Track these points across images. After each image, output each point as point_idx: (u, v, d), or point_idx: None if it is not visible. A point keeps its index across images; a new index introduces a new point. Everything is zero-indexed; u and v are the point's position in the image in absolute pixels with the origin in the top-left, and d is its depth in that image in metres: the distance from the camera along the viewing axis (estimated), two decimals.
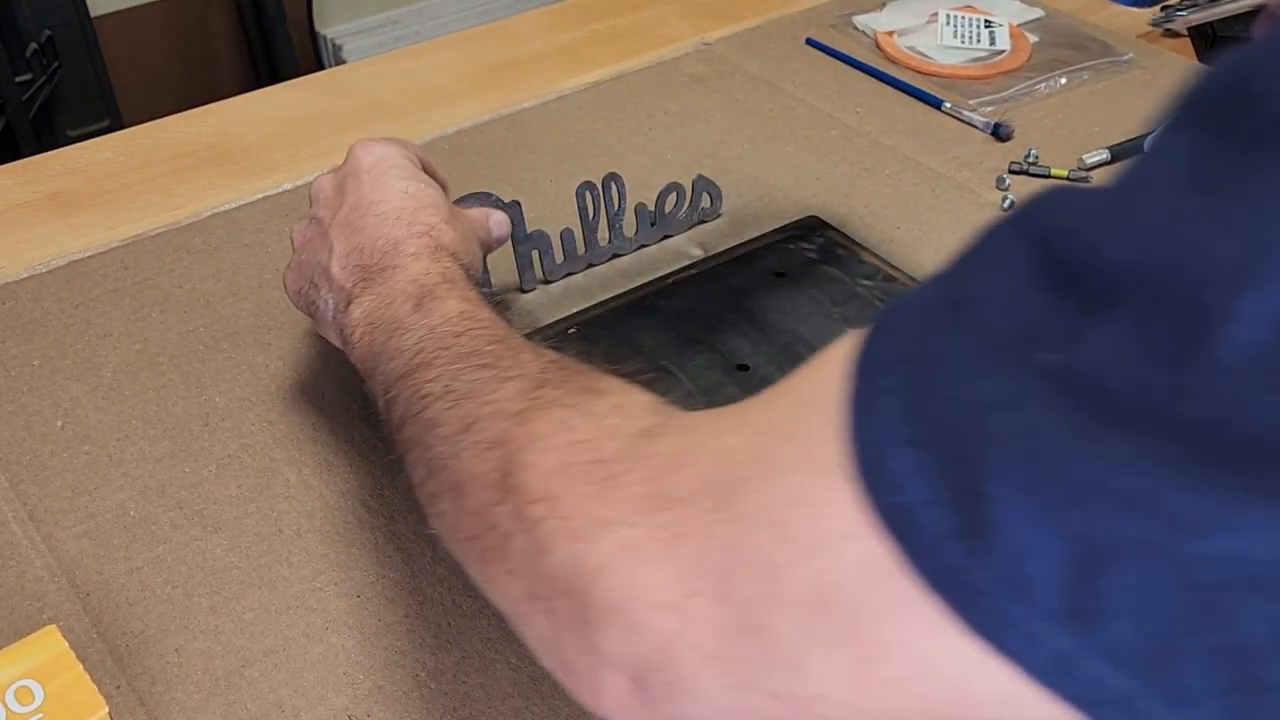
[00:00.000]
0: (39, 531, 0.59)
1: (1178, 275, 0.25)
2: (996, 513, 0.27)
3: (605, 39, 1.03)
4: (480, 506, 0.40)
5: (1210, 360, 0.24)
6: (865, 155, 0.87)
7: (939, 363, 0.29)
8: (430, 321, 0.50)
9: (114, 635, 0.54)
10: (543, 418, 0.40)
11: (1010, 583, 0.27)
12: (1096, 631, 0.26)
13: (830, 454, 0.30)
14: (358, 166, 0.60)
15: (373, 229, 0.57)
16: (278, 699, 0.52)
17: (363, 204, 0.58)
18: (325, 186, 0.62)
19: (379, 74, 0.99)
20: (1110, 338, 0.26)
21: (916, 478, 0.28)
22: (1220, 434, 0.24)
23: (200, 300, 0.74)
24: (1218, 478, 0.25)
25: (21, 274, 0.76)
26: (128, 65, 2.02)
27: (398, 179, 0.59)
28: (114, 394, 0.67)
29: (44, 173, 0.86)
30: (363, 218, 0.58)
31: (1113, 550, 0.26)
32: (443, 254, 0.56)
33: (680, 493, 0.34)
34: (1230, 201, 0.25)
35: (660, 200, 0.77)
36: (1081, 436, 0.26)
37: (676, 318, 0.71)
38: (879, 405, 0.30)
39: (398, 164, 0.60)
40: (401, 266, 0.55)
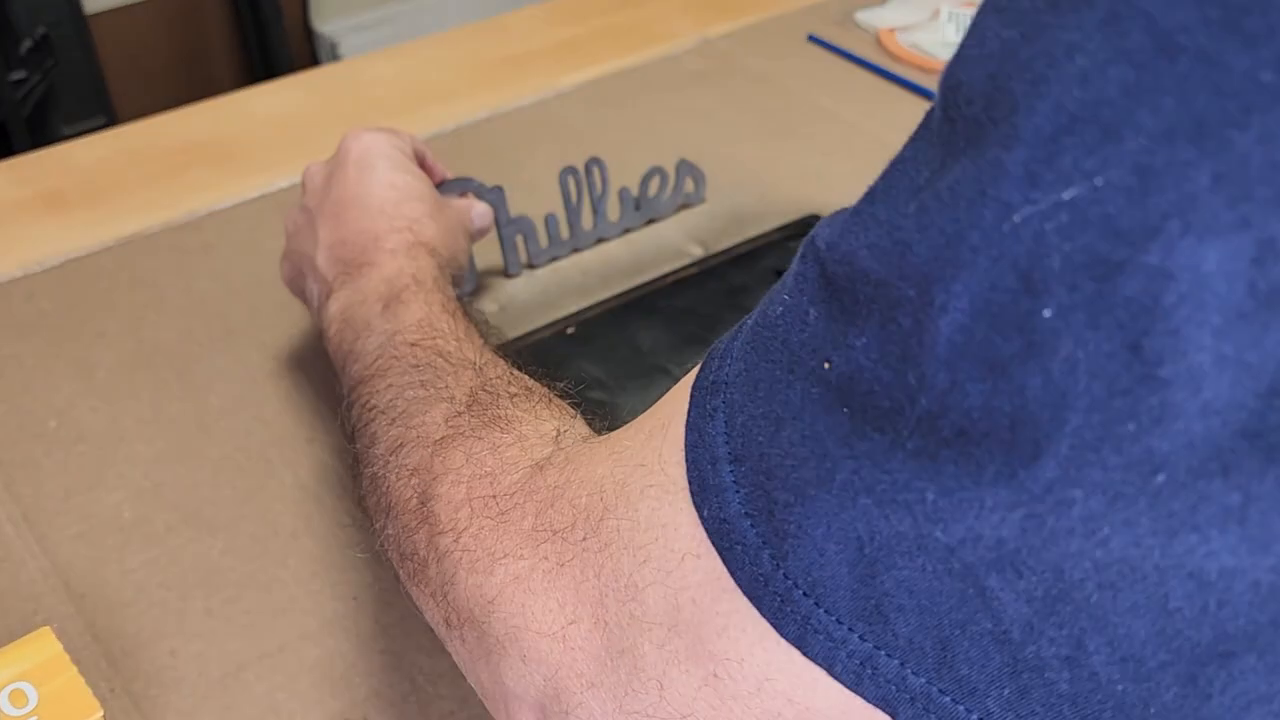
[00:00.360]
0: (33, 533, 0.59)
1: (899, 275, 0.26)
2: (788, 519, 0.28)
3: (605, 35, 1.02)
4: (404, 531, 0.42)
5: (930, 352, 0.25)
6: (867, 153, 0.87)
7: (753, 381, 0.31)
8: (392, 327, 0.51)
9: (109, 638, 0.54)
10: (456, 449, 0.41)
11: (807, 587, 0.28)
12: (884, 629, 0.27)
13: (679, 474, 0.32)
14: (346, 156, 0.60)
15: (355, 221, 0.57)
16: (273, 703, 0.51)
17: (347, 195, 0.58)
18: (316, 176, 0.62)
19: (376, 71, 0.99)
20: (861, 342, 0.27)
21: (734, 491, 0.30)
22: (943, 422, 0.25)
23: (196, 300, 0.73)
24: (948, 466, 0.26)
25: (15, 273, 0.75)
26: (123, 62, 2.01)
27: (384, 170, 0.60)
28: (108, 394, 0.66)
29: (38, 171, 0.86)
30: (347, 209, 0.58)
31: (885, 547, 0.27)
32: (420, 250, 0.56)
33: (560, 524, 0.35)
34: (933, 199, 0.26)
35: (644, 184, 0.78)
36: (846, 440, 0.27)
37: (676, 317, 0.70)
38: (709, 425, 0.32)
39: (386, 154, 0.61)
40: (378, 264, 0.55)
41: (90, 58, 1.89)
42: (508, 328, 0.71)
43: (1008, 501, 0.25)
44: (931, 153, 0.27)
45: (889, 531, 0.27)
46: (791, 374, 0.29)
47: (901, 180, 0.28)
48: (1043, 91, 0.24)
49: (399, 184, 0.59)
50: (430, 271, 0.55)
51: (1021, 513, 0.25)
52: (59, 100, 1.87)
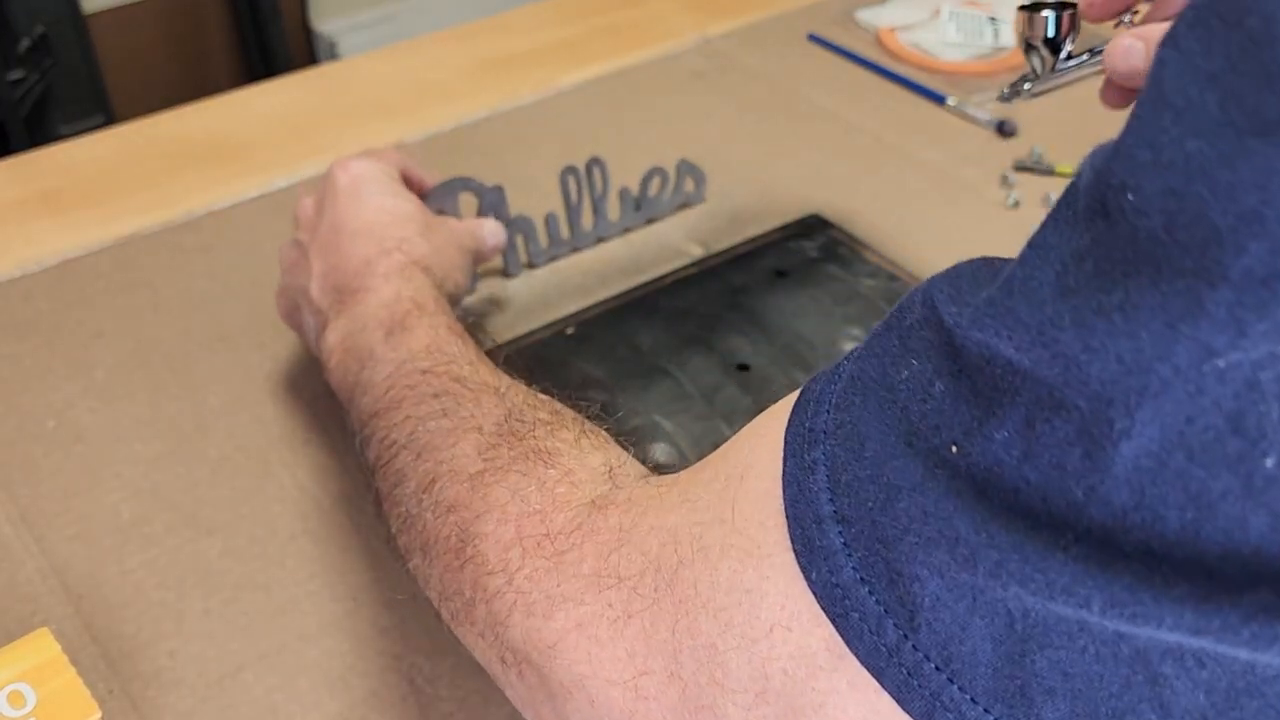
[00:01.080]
0: (31, 533, 0.58)
1: (1065, 384, 0.25)
2: (919, 592, 0.27)
3: (605, 34, 1.02)
4: (444, 570, 0.41)
5: (1105, 471, 0.25)
6: (867, 152, 0.87)
7: (858, 438, 0.30)
8: (399, 355, 0.50)
9: (107, 638, 0.54)
10: (497, 485, 0.40)
11: (941, 661, 0.27)
12: (1027, 712, 0.26)
13: (764, 537, 0.31)
14: (335, 186, 0.60)
15: (346, 248, 0.57)
16: (272, 703, 0.51)
17: (338, 223, 0.58)
18: (306, 208, 0.62)
19: (375, 70, 0.98)
20: (1001, 435, 0.26)
21: (845, 555, 0.29)
22: (1124, 539, 0.25)
23: (194, 300, 0.73)
24: (1124, 577, 0.25)
25: (13, 273, 0.75)
26: (121, 61, 2.01)
27: (373, 195, 0.59)
28: (106, 394, 0.66)
29: (36, 170, 0.85)
30: (337, 236, 0.57)
31: (1041, 626, 0.26)
32: (414, 271, 0.55)
33: (627, 570, 0.34)
34: (1100, 318, 0.25)
35: (644, 184, 0.77)
36: (983, 527, 0.26)
37: (676, 317, 0.70)
38: (810, 480, 0.30)
39: (374, 180, 0.60)
40: (373, 289, 0.54)
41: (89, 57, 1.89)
42: (507, 328, 0.70)
43: (1196, 621, 0.24)
44: (1079, 244, 0.26)
45: (1046, 613, 0.26)
46: (910, 446, 0.28)
47: (1044, 272, 0.27)
48: (1257, 231, 0.22)
49: (388, 208, 0.59)
50: (429, 292, 0.54)
51: (1212, 636, 0.24)
52: (57, 99, 1.87)
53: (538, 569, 0.37)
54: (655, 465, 0.60)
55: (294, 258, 0.61)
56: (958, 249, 0.77)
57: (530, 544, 0.38)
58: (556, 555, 0.37)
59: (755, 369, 0.66)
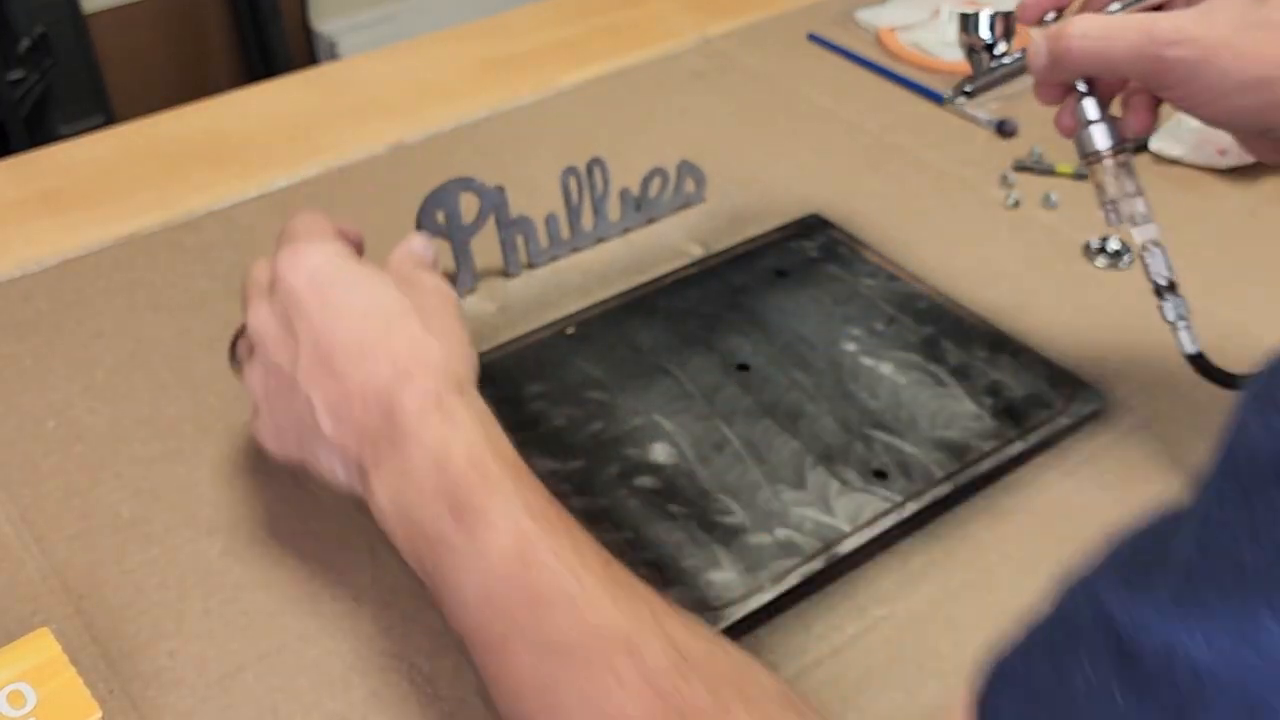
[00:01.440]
0: (31, 533, 0.58)
1: (1274, 689, 0.23)
2: None
3: (605, 34, 1.02)
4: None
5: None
6: (867, 152, 0.87)
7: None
8: (481, 558, 0.44)
9: (107, 638, 0.54)
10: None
11: None
12: None
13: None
14: (293, 293, 0.51)
15: (352, 374, 0.49)
16: (272, 703, 0.51)
17: (323, 342, 0.50)
18: (268, 325, 0.52)
19: (375, 69, 0.98)
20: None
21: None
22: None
23: (194, 299, 0.73)
24: None
25: (13, 273, 0.75)
26: (121, 61, 2.01)
27: (345, 296, 0.51)
28: (106, 394, 0.66)
29: (36, 170, 0.85)
30: (331, 360, 0.49)
31: None
32: (452, 403, 0.48)
33: None
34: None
35: (644, 185, 0.77)
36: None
37: (676, 317, 0.70)
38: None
39: (336, 273, 0.52)
40: (412, 433, 0.47)
41: (89, 57, 1.89)
42: (507, 327, 0.70)
43: None
44: (1260, 526, 0.24)
45: None
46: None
47: (1225, 562, 0.25)
48: None
49: (372, 309, 0.51)
50: (479, 436, 0.48)
51: None
52: (57, 99, 1.87)
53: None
54: (655, 464, 0.60)
55: (272, 386, 0.51)
56: (957, 248, 0.77)
57: None
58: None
59: (755, 369, 0.66)
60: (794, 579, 0.55)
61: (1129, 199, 0.58)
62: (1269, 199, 0.81)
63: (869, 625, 0.55)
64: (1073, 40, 0.54)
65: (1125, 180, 0.58)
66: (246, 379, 0.53)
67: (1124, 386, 0.67)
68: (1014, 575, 0.57)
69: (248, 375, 0.53)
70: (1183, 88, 0.52)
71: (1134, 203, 0.58)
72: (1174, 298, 0.59)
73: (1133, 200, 0.58)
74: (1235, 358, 0.69)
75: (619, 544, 0.56)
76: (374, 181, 0.84)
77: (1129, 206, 0.58)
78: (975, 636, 0.54)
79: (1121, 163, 0.58)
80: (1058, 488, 0.61)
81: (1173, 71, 0.52)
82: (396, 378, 0.49)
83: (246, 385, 0.53)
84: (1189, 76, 0.51)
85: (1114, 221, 0.58)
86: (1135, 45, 0.52)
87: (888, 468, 0.60)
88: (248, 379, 0.53)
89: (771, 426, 0.63)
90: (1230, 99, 0.52)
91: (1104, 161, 0.58)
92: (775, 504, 0.58)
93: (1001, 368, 0.66)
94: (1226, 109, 0.52)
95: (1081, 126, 0.58)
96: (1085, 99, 0.57)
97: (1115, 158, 0.57)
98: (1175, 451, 0.63)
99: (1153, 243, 0.58)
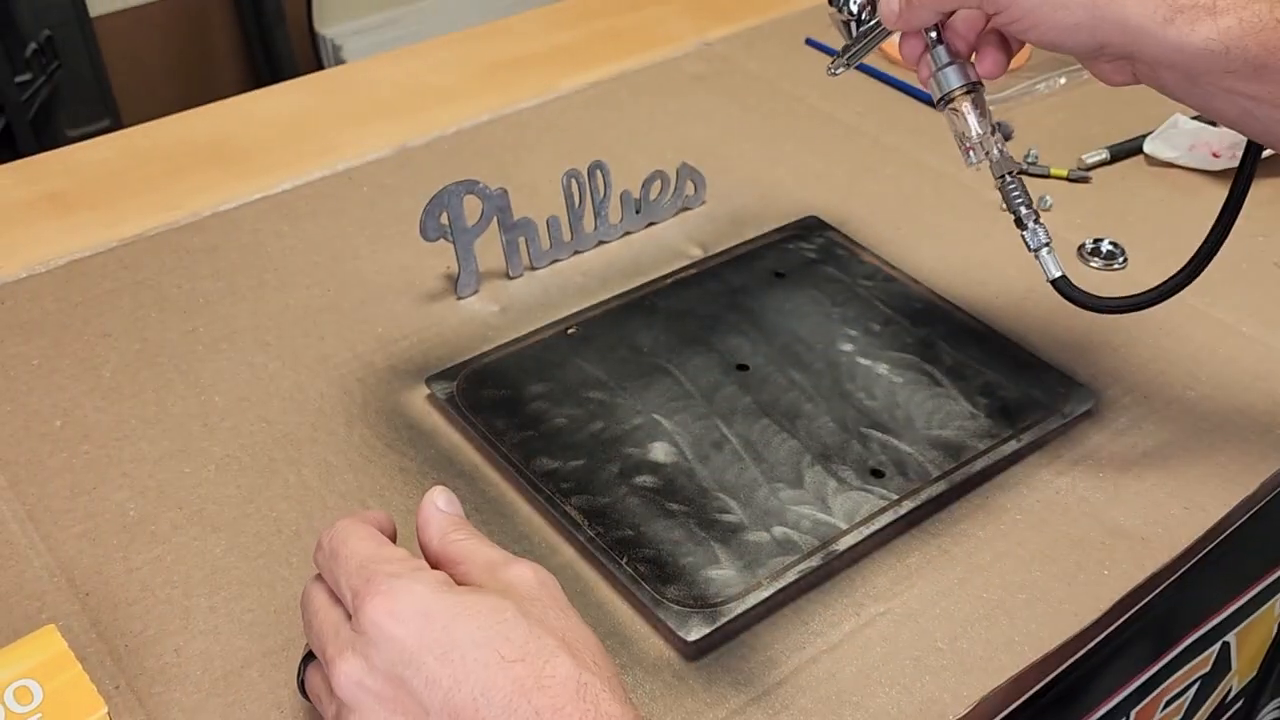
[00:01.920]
0: (38, 531, 0.59)
1: None
2: None
3: (605, 38, 1.03)
4: None
5: None
6: (865, 155, 0.87)
7: None
8: None
9: (113, 635, 0.54)
10: None
11: None
12: None
13: None
14: (395, 642, 0.42)
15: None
16: (277, 699, 0.52)
17: (455, 701, 0.42)
18: (363, 684, 0.43)
19: (378, 73, 0.99)
20: None
21: None
22: None
23: (199, 300, 0.74)
24: None
25: (20, 274, 0.76)
26: (127, 65, 2.02)
27: (464, 637, 0.42)
28: (113, 394, 0.67)
29: (43, 172, 0.86)
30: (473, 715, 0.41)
31: None
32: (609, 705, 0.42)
33: None
34: None
35: (645, 187, 0.78)
36: None
37: (676, 318, 0.71)
38: None
39: (443, 614, 0.43)
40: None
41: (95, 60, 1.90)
42: (509, 328, 0.71)
43: None
44: None
45: None
46: None
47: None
48: None
49: (507, 651, 0.42)
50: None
51: None
52: (64, 102, 1.88)
53: None
54: (655, 463, 0.61)
55: None
56: (953, 250, 0.78)
57: None
58: None
59: (754, 369, 0.67)
60: (791, 576, 0.55)
61: (986, 138, 0.60)
62: (1261, 201, 0.81)
63: (866, 621, 0.55)
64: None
65: (981, 120, 0.60)
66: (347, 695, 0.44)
67: (1116, 386, 0.67)
68: (1008, 572, 0.57)
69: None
70: (1011, 10, 0.54)
71: (990, 141, 0.60)
72: (1034, 226, 0.60)
73: (989, 139, 0.60)
74: (1234, 357, 0.70)
75: (619, 542, 0.57)
76: (378, 184, 0.85)
77: (986, 145, 0.60)
78: (970, 632, 0.55)
79: (976, 101, 0.60)
80: (1051, 486, 0.62)
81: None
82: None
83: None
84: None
85: (973, 161, 0.61)
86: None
87: (884, 466, 0.61)
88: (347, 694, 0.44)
89: (770, 426, 0.63)
90: (1058, 17, 0.53)
91: (958, 101, 0.60)
92: (773, 502, 0.59)
93: (996, 368, 0.67)
94: (1056, 28, 0.53)
95: (936, 71, 0.60)
96: (936, 47, 0.60)
97: (969, 96, 0.60)
98: (1167, 451, 0.64)
99: (1010, 174, 0.60)
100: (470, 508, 0.60)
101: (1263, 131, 0.54)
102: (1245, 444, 0.64)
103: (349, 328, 0.72)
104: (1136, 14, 0.51)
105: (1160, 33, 0.51)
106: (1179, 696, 0.72)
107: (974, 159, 0.61)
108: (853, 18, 0.65)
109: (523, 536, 0.59)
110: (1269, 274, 0.75)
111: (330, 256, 0.78)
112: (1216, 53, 0.51)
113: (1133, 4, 0.51)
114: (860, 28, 0.64)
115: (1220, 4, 0.50)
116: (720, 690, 0.52)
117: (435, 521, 0.50)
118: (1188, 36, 0.51)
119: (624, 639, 0.54)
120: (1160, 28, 0.51)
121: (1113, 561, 0.58)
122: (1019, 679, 0.53)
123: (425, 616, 0.43)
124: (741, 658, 0.54)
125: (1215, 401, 0.67)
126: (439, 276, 0.76)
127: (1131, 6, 0.51)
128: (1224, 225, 0.58)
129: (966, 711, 0.52)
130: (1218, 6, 0.50)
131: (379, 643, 0.43)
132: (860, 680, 0.53)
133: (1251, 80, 0.51)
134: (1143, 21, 0.51)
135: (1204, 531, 0.60)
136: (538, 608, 0.45)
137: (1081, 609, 0.56)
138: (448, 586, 0.45)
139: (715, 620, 0.53)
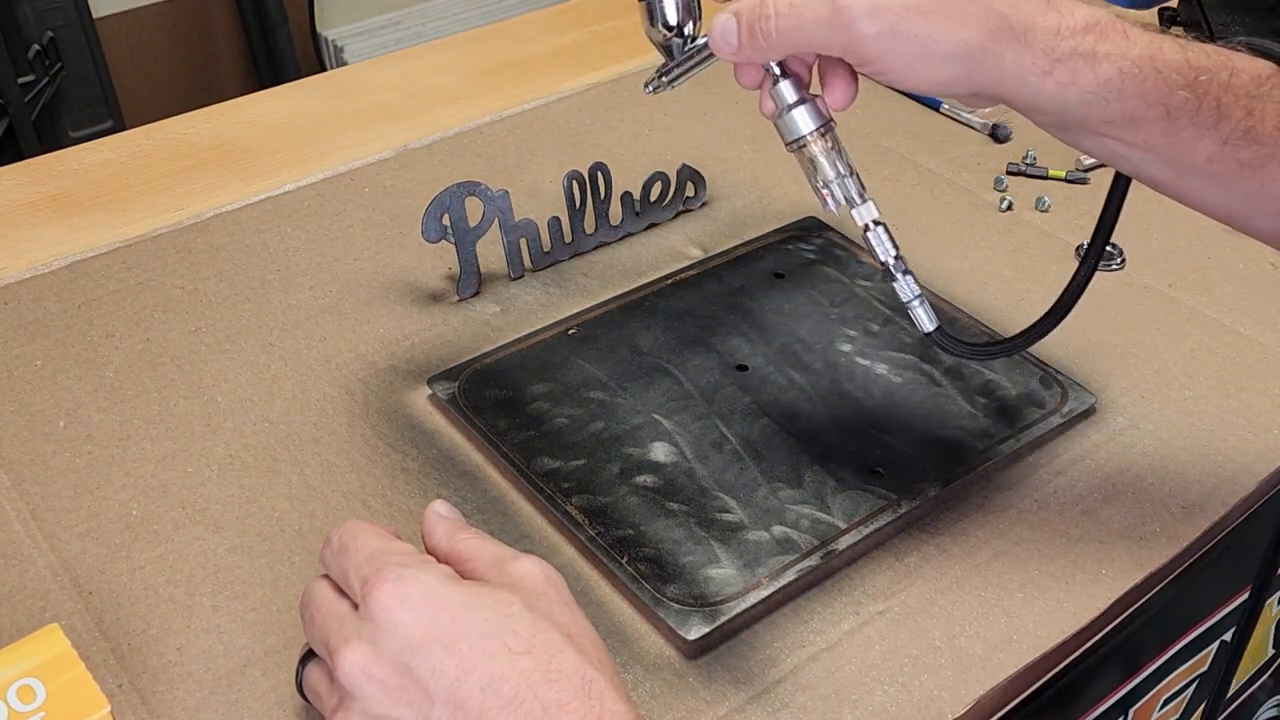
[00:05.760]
0: (41, 531, 0.59)
1: None
2: None
3: (606, 40, 1.03)
4: None
5: None
6: (864, 156, 0.87)
7: None
8: None
9: (116, 634, 0.55)
10: None
11: None
12: None
13: None
14: (403, 629, 0.43)
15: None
16: (279, 698, 0.52)
17: (460, 691, 0.42)
18: (368, 671, 0.43)
19: (380, 75, 0.99)
20: None
21: None
22: None
23: (202, 300, 0.74)
24: None
25: (24, 274, 0.76)
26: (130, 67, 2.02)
27: (471, 627, 0.43)
28: (116, 394, 0.67)
29: (46, 174, 0.87)
30: (485, 712, 0.42)
31: None
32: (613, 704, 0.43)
33: None
34: None
35: (645, 189, 0.79)
36: None
37: (676, 318, 0.71)
38: None
39: (446, 598, 0.44)
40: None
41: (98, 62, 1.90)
42: (511, 329, 0.71)
43: None
44: None
45: None
46: None
47: None
48: None
49: (515, 644, 0.43)
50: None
51: None
52: (66, 104, 1.88)
53: None
54: (655, 463, 0.61)
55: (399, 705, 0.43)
56: (952, 251, 0.78)
57: None
58: None
59: (753, 369, 0.67)
60: (791, 575, 0.56)
61: (842, 179, 0.54)
62: None
63: (865, 620, 0.55)
64: (769, 21, 0.50)
65: (837, 160, 0.54)
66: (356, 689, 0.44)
67: (1115, 386, 0.68)
68: (1006, 571, 0.58)
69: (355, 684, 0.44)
70: (880, 62, 0.49)
71: (848, 183, 0.54)
72: (903, 277, 0.55)
73: (846, 181, 0.54)
74: (1231, 357, 0.70)
75: (619, 541, 0.57)
76: (379, 185, 0.85)
77: (843, 188, 0.54)
78: (969, 631, 0.55)
79: (829, 144, 0.54)
80: (1049, 486, 0.62)
81: (867, 46, 0.48)
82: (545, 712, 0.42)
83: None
84: (886, 51, 0.48)
85: (832, 206, 0.54)
86: (824, 19, 0.49)
87: (883, 466, 0.61)
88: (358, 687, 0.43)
89: (769, 426, 0.63)
90: (933, 68, 0.49)
91: (811, 145, 0.54)
92: (773, 502, 0.59)
93: (994, 368, 0.67)
94: (929, 78, 0.49)
95: (783, 112, 0.54)
96: (781, 82, 0.53)
97: (823, 139, 0.54)
98: (1165, 450, 0.64)
99: (874, 222, 0.54)
100: (472, 507, 0.60)
101: (1133, 170, 0.52)
102: (1243, 444, 0.64)
103: (351, 328, 0.72)
104: (1015, 66, 0.48)
105: (1038, 84, 0.48)
106: (1177, 695, 0.72)
107: (831, 205, 0.54)
108: (675, 33, 0.57)
109: (524, 536, 0.59)
110: (1266, 275, 0.76)
111: (332, 257, 0.78)
112: (1093, 105, 0.48)
113: (1010, 56, 0.48)
114: (684, 48, 0.58)
115: (1100, 50, 0.48)
116: (720, 688, 0.52)
117: (443, 524, 0.50)
118: (1066, 89, 0.48)
119: (624, 637, 0.55)
120: (1038, 79, 0.48)
121: (1110, 561, 0.58)
122: (1017, 677, 0.54)
123: (434, 606, 0.43)
124: (741, 656, 0.54)
125: (1213, 402, 0.67)
126: (441, 277, 0.76)
127: (1009, 59, 0.48)
128: (1092, 260, 0.56)
129: (965, 710, 0.52)
130: (1097, 54, 0.48)
131: (387, 628, 0.43)
132: (859, 678, 0.53)
133: (1125, 129, 0.49)
134: (1020, 74, 0.48)
135: (1202, 531, 0.60)
136: (544, 603, 0.45)
137: (1080, 608, 0.56)
138: (456, 579, 0.45)
139: (715, 619, 0.53)
